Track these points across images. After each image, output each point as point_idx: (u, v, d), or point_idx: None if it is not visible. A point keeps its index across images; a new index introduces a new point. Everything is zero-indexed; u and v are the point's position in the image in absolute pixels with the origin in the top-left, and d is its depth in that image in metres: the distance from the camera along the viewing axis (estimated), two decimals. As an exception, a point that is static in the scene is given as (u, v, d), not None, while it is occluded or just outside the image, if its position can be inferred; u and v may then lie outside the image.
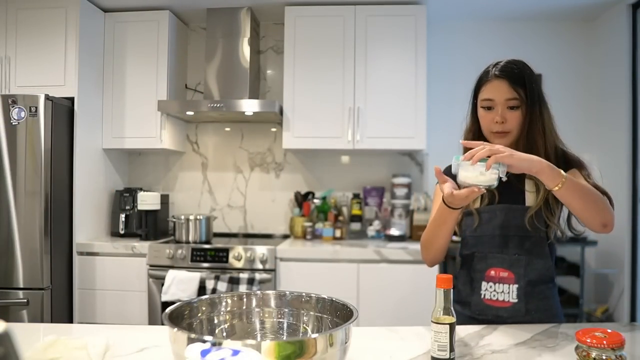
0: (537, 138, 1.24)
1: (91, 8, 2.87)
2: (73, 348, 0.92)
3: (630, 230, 2.82)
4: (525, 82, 1.23)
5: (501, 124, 1.24)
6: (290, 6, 2.93)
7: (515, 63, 1.27)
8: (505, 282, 1.27)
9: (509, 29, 3.23)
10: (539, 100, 1.25)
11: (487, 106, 1.26)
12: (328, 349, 0.78)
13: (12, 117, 2.47)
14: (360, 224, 3.11)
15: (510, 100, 1.23)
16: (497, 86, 1.24)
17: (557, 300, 1.33)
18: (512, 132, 1.25)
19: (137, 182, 3.34)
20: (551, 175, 1.06)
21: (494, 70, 1.26)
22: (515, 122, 1.24)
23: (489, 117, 1.26)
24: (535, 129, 1.24)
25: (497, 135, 1.26)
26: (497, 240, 1.28)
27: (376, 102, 2.87)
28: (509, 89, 1.23)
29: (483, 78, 1.28)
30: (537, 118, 1.24)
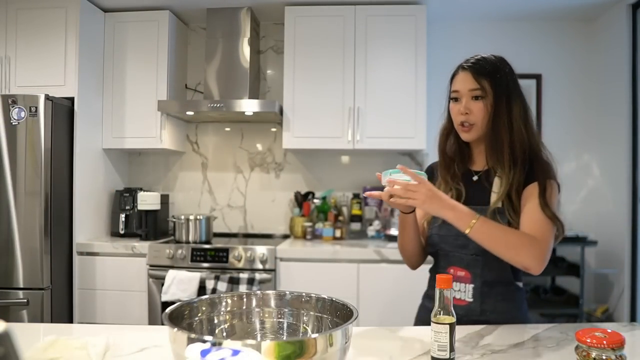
0: (502, 132, 1.22)
1: (91, 8, 2.87)
2: (73, 348, 0.92)
3: (630, 230, 2.82)
4: (491, 74, 1.23)
5: (465, 114, 1.25)
6: (290, 6, 2.93)
7: (486, 56, 1.28)
8: (462, 281, 1.27)
9: (509, 29, 3.23)
10: (508, 93, 1.23)
11: (454, 97, 1.28)
12: (328, 349, 0.78)
13: (12, 117, 2.47)
14: (360, 224, 3.11)
15: (473, 90, 1.24)
16: (462, 78, 1.26)
17: (520, 304, 1.30)
18: (477, 125, 1.25)
19: (137, 182, 3.34)
20: (459, 222, 1.13)
21: (462, 64, 1.29)
22: (480, 114, 1.23)
23: (455, 108, 1.28)
24: (500, 122, 1.22)
25: (464, 129, 1.27)
26: (459, 240, 1.27)
27: (376, 102, 2.87)
28: (472, 80, 1.24)
29: (453, 72, 1.32)
30: (502, 111, 1.22)
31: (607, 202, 3.04)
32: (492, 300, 1.26)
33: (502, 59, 1.29)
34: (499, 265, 1.22)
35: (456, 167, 1.34)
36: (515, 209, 1.22)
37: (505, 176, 1.23)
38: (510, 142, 1.23)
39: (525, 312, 1.32)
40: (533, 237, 1.15)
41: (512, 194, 1.23)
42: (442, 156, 1.37)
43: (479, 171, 1.33)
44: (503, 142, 1.23)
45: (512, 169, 1.23)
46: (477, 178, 1.33)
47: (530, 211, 1.19)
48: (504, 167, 1.24)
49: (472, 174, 1.34)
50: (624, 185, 2.86)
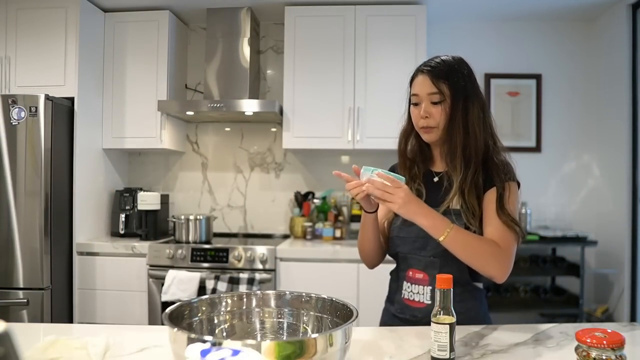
0: (456, 135, 1.22)
1: (91, 8, 2.87)
2: (73, 348, 0.92)
3: (630, 230, 2.82)
4: (449, 77, 1.23)
5: (425, 118, 1.25)
6: (290, 6, 2.93)
7: (444, 59, 1.27)
8: (420, 284, 1.27)
9: (509, 29, 3.23)
10: (465, 96, 1.23)
11: (414, 102, 1.28)
12: (328, 349, 0.78)
13: (12, 117, 2.47)
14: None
15: (432, 94, 1.23)
16: (421, 81, 1.26)
17: (479, 304, 1.30)
18: (438, 127, 1.25)
19: (137, 182, 3.34)
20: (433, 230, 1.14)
21: (421, 66, 1.28)
22: (439, 117, 1.24)
23: (415, 112, 1.28)
24: (455, 125, 1.22)
25: (423, 130, 1.27)
26: (418, 242, 1.27)
27: (376, 102, 2.87)
28: (430, 83, 1.24)
29: (412, 75, 1.31)
30: (458, 114, 1.22)
31: (607, 202, 3.04)
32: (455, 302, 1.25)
33: (461, 60, 1.28)
34: (457, 267, 1.21)
35: (417, 168, 1.35)
36: (472, 211, 1.22)
37: (457, 178, 1.23)
38: (464, 145, 1.22)
39: (485, 312, 1.32)
40: (499, 247, 1.17)
41: (467, 196, 1.22)
42: (401, 157, 1.37)
43: (439, 172, 1.34)
44: (457, 145, 1.23)
45: (462, 171, 1.23)
46: (438, 179, 1.33)
47: (492, 219, 1.20)
48: (456, 169, 1.24)
49: (433, 174, 1.35)
50: (624, 185, 2.86)
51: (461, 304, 1.26)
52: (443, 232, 1.13)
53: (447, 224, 1.14)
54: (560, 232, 2.88)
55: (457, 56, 1.30)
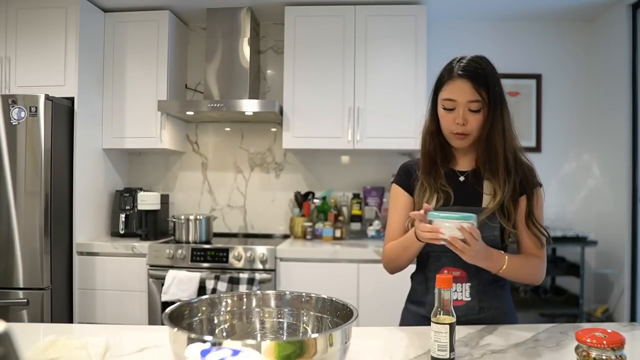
0: (497, 142, 1.22)
1: (91, 8, 2.87)
2: (73, 348, 0.92)
3: (630, 230, 2.82)
4: (489, 83, 1.19)
5: (462, 125, 1.21)
6: (290, 6, 2.93)
7: (480, 61, 1.22)
8: (458, 281, 1.27)
9: (509, 29, 3.23)
10: (501, 101, 1.22)
11: (449, 107, 1.23)
12: (328, 349, 0.78)
13: (12, 117, 2.47)
14: (360, 224, 3.11)
15: (472, 102, 1.20)
16: (459, 87, 1.20)
17: (509, 300, 1.34)
18: (471, 134, 1.23)
19: (137, 182, 3.34)
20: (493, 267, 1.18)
21: (457, 69, 1.21)
22: (476, 125, 1.21)
23: (449, 117, 1.23)
24: (495, 132, 1.21)
25: (457, 136, 1.24)
26: None
27: (376, 102, 2.87)
28: (472, 90, 1.19)
29: (445, 76, 1.24)
30: (498, 120, 1.21)
31: (607, 202, 3.04)
32: (488, 298, 1.28)
33: (489, 61, 1.25)
34: None
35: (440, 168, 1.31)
36: (507, 214, 1.23)
37: (500, 187, 1.23)
38: (505, 153, 1.22)
39: (514, 307, 1.35)
40: (539, 260, 1.26)
41: (506, 201, 1.23)
42: (426, 159, 1.32)
43: (464, 171, 1.32)
44: (498, 154, 1.22)
45: (506, 180, 1.23)
46: (464, 178, 1.31)
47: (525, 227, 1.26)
48: (499, 178, 1.23)
49: (457, 174, 1.32)
50: (624, 185, 2.86)
51: (497, 299, 1.29)
52: (500, 267, 1.18)
53: (503, 259, 1.18)
54: (560, 232, 2.88)
55: (483, 56, 1.25)
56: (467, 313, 1.26)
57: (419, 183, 1.32)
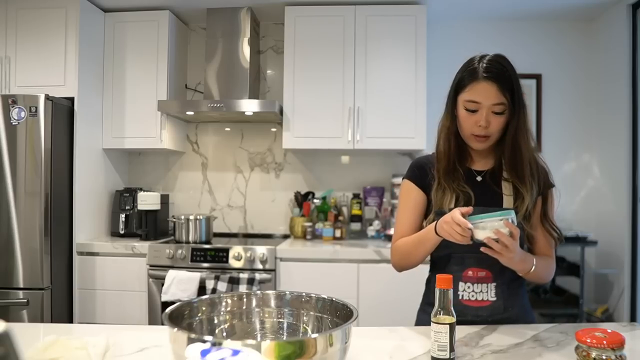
0: (522, 145, 1.21)
1: (91, 8, 2.87)
2: (73, 348, 0.92)
3: (630, 230, 2.82)
4: (513, 86, 1.18)
5: (484, 128, 1.20)
6: (290, 6, 2.93)
7: (502, 62, 1.19)
8: (483, 282, 1.26)
9: (509, 29, 3.23)
10: (523, 104, 1.21)
11: (472, 109, 1.20)
12: (328, 349, 0.78)
13: (12, 117, 2.47)
14: (360, 224, 3.11)
15: (497, 105, 1.17)
16: (485, 89, 1.17)
17: (527, 298, 1.36)
18: (492, 137, 1.23)
19: (137, 182, 3.34)
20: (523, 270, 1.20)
21: (481, 70, 1.18)
22: (498, 127, 1.20)
23: (472, 119, 1.20)
24: (521, 135, 1.21)
25: (478, 138, 1.22)
26: None
27: (376, 102, 2.87)
28: (497, 93, 1.16)
29: (468, 77, 1.20)
30: (522, 124, 1.21)
31: (607, 202, 3.04)
32: (512, 297, 1.28)
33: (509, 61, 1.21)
34: None
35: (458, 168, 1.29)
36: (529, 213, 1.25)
37: (528, 190, 1.23)
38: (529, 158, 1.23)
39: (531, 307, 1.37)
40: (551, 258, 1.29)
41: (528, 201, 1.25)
42: (446, 159, 1.29)
43: (481, 171, 1.31)
44: (524, 157, 1.22)
45: (532, 182, 1.23)
46: (482, 179, 1.30)
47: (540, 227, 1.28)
48: (525, 182, 1.23)
49: (474, 173, 1.31)
50: (624, 185, 2.86)
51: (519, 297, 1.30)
52: (530, 269, 1.19)
53: (532, 260, 1.19)
54: (560, 232, 2.88)
55: (503, 55, 1.22)
56: (493, 313, 1.26)
57: (436, 183, 1.29)
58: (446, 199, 1.26)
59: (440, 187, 1.28)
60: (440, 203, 1.27)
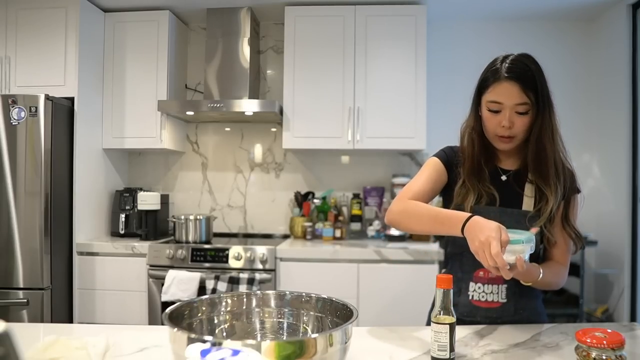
0: (547, 145, 1.19)
1: (91, 8, 2.87)
2: (73, 348, 0.92)
3: (630, 230, 2.82)
4: (537, 85, 1.15)
5: (508, 128, 1.18)
6: (290, 6, 2.93)
7: (526, 61, 1.17)
8: (494, 283, 1.25)
9: (509, 29, 3.23)
10: (549, 103, 1.19)
11: (495, 109, 1.18)
12: (328, 349, 0.78)
13: (12, 117, 2.47)
14: (360, 224, 3.11)
15: (519, 105, 1.16)
16: (507, 89, 1.15)
17: (541, 300, 1.34)
18: (517, 137, 1.20)
19: (137, 182, 3.34)
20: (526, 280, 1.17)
21: (503, 70, 1.16)
22: (522, 127, 1.18)
23: (495, 120, 1.19)
24: (545, 135, 1.18)
25: (502, 139, 1.21)
26: None
27: (376, 102, 2.87)
28: (519, 93, 1.14)
29: (490, 77, 1.19)
30: (547, 123, 1.18)
31: (607, 202, 3.04)
32: (524, 299, 1.27)
33: (535, 60, 1.19)
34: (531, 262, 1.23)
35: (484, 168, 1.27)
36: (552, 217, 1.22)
37: (553, 193, 1.20)
38: (554, 155, 1.20)
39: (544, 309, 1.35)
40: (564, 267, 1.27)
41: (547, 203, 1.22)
42: (471, 160, 1.27)
43: (507, 170, 1.30)
44: (548, 158, 1.20)
45: (557, 185, 1.20)
46: (506, 178, 1.29)
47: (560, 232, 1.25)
48: (550, 183, 1.21)
49: (500, 172, 1.30)
50: (624, 185, 2.86)
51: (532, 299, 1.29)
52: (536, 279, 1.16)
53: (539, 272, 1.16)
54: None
55: (528, 54, 1.20)
56: (503, 315, 1.25)
57: (461, 181, 1.28)
58: (469, 198, 1.25)
59: (464, 187, 1.27)
60: (461, 200, 1.26)
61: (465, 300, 1.28)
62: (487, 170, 1.28)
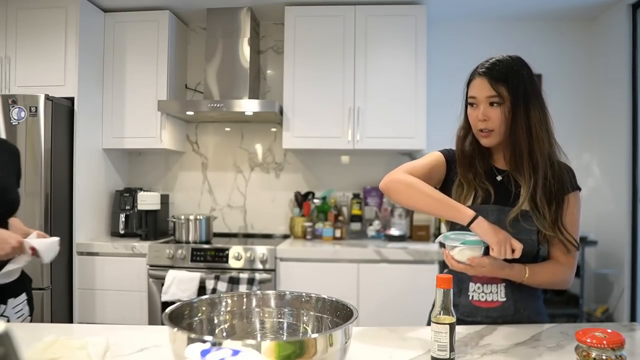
0: (521, 139, 1.21)
1: (91, 8, 2.87)
2: (73, 348, 0.92)
3: (630, 230, 2.82)
4: (508, 79, 1.21)
5: (484, 121, 1.23)
6: (290, 6, 2.93)
7: (502, 61, 1.24)
8: (493, 282, 1.26)
9: (509, 29, 3.23)
10: (526, 99, 1.21)
11: (472, 103, 1.26)
12: (328, 349, 0.78)
13: (12, 117, 2.47)
14: (360, 224, 3.11)
15: (490, 97, 1.22)
16: (479, 84, 1.23)
17: (542, 300, 1.35)
18: (496, 131, 1.23)
19: (137, 182, 3.34)
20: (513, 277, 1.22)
21: (479, 68, 1.25)
22: (498, 120, 1.22)
23: (473, 114, 1.26)
24: (517, 128, 1.21)
25: (483, 134, 1.25)
26: None
27: (376, 102, 2.87)
28: (488, 86, 1.21)
29: (470, 76, 1.28)
30: (520, 117, 1.20)
31: (607, 202, 3.04)
32: (524, 298, 1.27)
33: (520, 60, 1.26)
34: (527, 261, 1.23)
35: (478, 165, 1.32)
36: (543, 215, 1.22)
37: (525, 184, 1.22)
38: (530, 149, 1.21)
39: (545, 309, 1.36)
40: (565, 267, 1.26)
41: (538, 201, 1.22)
42: (461, 157, 1.33)
43: (503, 170, 1.32)
44: (522, 150, 1.21)
45: (532, 176, 1.22)
46: (501, 178, 1.31)
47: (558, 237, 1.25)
48: (524, 174, 1.23)
49: (495, 172, 1.32)
50: (624, 185, 2.86)
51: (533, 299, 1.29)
52: (523, 277, 1.21)
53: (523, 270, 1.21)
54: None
55: (515, 56, 1.27)
56: (503, 314, 1.26)
57: (457, 180, 1.33)
58: (465, 195, 1.30)
59: (460, 184, 1.32)
60: (459, 199, 1.29)
61: (466, 300, 1.29)
62: (483, 169, 1.32)
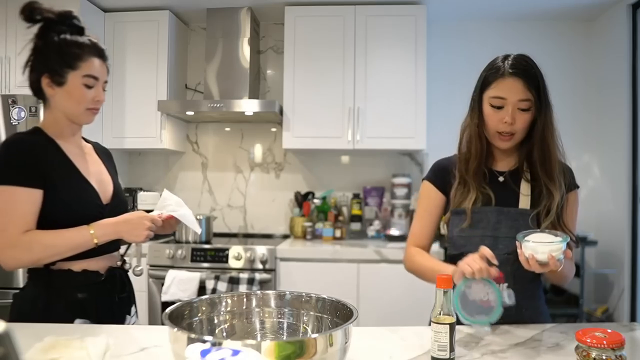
0: (551, 144, 1.21)
1: (91, 8, 2.87)
2: (73, 348, 0.92)
3: (630, 230, 2.82)
4: (539, 84, 1.18)
5: (510, 124, 1.19)
6: (290, 6, 2.93)
7: (529, 61, 1.20)
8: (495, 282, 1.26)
9: (509, 29, 3.23)
10: (548, 104, 1.21)
11: (498, 105, 1.20)
12: (328, 349, 0.78)
13: (12, 117, 2.47)
14: (360, 224, 3.11)
15: (523, 101, 1.17)
16: (511, 85, 1.17)
17: (543, 300, 1.34)
18: (517, 135, 1.21)
19: (137, 182, 3.34)
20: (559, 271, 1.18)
21: (507, 67, 1.19)
22: (523, 125, 1.20)
23: (497, 116, 1.20)
24: (548, 134, 1.20)
25: (502, 137, 1.22)
26: (487, 241, 1.24)
27: (376, 102, 2.87)
28: (523, 89, 1.16)
29: (494, 74, 1.21)
30: (550, 122, 1.21)
31: (607, 202, 3.04)
32: (526, 298, 1.26)
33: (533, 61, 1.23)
34: None
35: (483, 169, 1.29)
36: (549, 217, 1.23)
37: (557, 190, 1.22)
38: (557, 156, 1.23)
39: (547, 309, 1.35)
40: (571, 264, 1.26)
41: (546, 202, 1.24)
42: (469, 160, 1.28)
43: (502, 172, 1.31)
44: (552, 157, 1.21)
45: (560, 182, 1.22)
46: (503, 179, 1.30)
47: None
48: (554, 180, 1.22)
49: (496, 174, 1.31)
50: (624, 185, 2.86)
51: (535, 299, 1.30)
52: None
53: None
54: (560, 232, 2.88)
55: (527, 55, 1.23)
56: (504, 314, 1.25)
57: (457, 182, 1.30)
58: (466, 198, 1.27)
59: (461, 187, 1.29)
60: (459, 202, 1.27)
61: None
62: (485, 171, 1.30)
